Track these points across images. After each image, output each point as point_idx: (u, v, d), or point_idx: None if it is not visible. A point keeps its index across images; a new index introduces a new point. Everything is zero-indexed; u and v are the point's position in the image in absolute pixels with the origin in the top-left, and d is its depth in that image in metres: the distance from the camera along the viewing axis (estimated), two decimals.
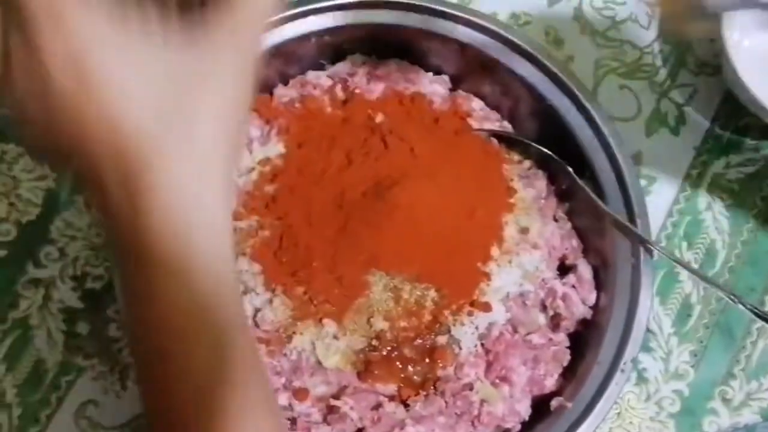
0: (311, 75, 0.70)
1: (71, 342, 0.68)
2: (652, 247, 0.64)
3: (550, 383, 0.64)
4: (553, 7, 0.80)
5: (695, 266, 0.74)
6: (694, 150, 0.77)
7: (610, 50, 0.79)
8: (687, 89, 0.79)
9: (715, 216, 0.76)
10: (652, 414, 0.70)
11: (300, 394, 0.62)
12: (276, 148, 0.67)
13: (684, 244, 0.75)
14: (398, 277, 0.63)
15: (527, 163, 0.70)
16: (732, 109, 0.78)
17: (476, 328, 0.64)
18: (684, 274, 0.73)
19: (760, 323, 0.64)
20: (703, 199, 0.76)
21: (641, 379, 0.71)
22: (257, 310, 0.63)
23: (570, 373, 0.65)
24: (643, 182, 0.75)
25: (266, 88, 0.69)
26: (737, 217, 0.76)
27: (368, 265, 0.62)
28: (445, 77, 0.72)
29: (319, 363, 0.62)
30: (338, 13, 0.67)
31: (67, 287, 0.69)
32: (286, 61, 0.69)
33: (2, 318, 0.67)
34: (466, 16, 0.68)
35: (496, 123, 0.71)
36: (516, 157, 0.71)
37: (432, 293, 0.63)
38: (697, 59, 0.80)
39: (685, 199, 0.76)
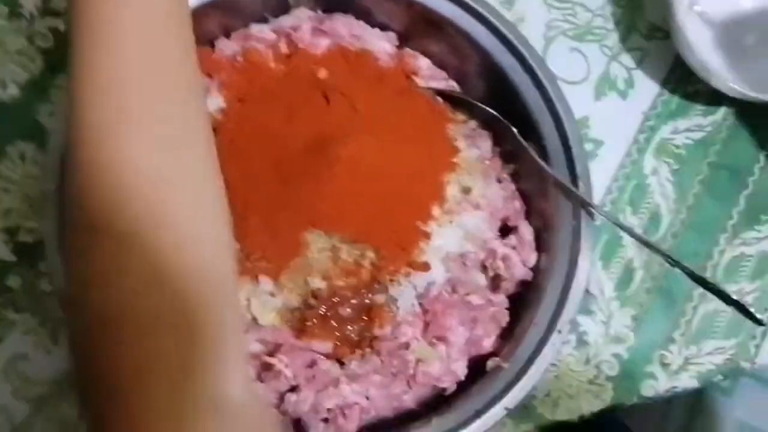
0: (254, 28, 0.68)
1: (2, 296, 0.66)
2: (593, 210, 0.64)
3: (488, 344, 0.64)
4: None
5: (639, 231, 0.74)
6: (642, 114, 0.77)
7: (561, 12, 0.78)
8: (637, 53, 0.78)
9: (660, 181, 0.75)
10: (590, 377, 0.71)
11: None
12: (216, 101, 0.66)
13: (629, 209, 0.75)
14: (336, 236, 0.62)
15: (472, 123, 0.70)
16: (682, 75, 0.77)
17: (414, 287, 0.64)
18: (627, 239, 0.73)
19: (701, 289, 0.64)
20: (649, 163, 0.76)
21: (581, 342, 0.71)
22: None
23: (508, 334, 0.65)
24: (589, 146, 0.74)
25: (208, 41, 0.68)
26: (683, 182, 0.76)
27: (306, 223, 0.61)
28: (392, 34, 0.70)
29: (254, 320, 0.62)
30: None
31: None
32: (228, 13, 0.67)
33: None
34: None
35: (442, 82, 0.70)
36: (461, 116, 0.70)
37: (370, 253, 0.62)
38: (648, 23, 0.79)
39: (632, 164, 0.75)
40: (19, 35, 0.71)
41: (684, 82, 0.77)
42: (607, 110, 0.76)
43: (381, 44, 0.69)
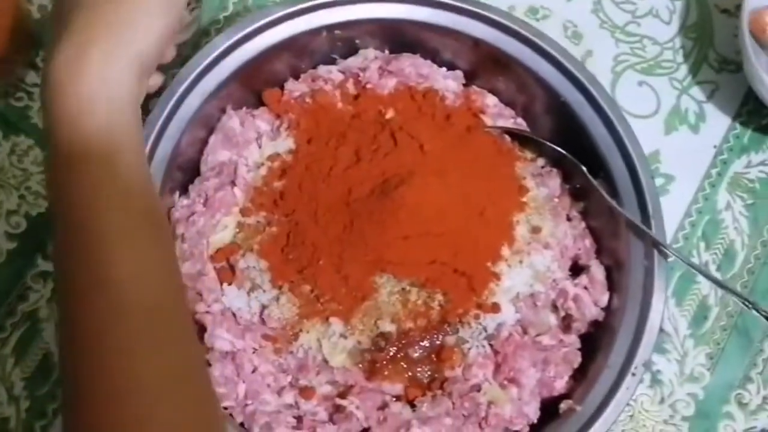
0: (322, 69, 0.69)
1: None
2: (666, 250, 0.63)
3: (560, 385, 0.63)
4: (572, 1, 0.79)
5: (713, 267, 0.72)
6: (714, 148, 0.76)
7: (630, 45, 0.78)
8: (708, 86, 0.77)
9: (734, 216, 0.74)
10: (665, 417, 0.69)
11: (306, 392, 0.61)
12: (285, 143, 0.66)
13: (702, 245, 0.73)
14: (405, 280, 0.62)
15: (541, 162, 0.69)
16: (754, 107, 0.76)
17: (485, 329, 0.63)
18: (701, 276, 0.71)
19: None
20: (722, 198, 0.74)
21: (655, 381, 0.69)
22: (264, 307, 0.63)
23: (580, 376, 0.63)
24: (660, 181, 0.74)
25: (277, 83, 0.69)
26: (757, 217, 0.74)
27: (375, 266, 0.61)
28: (459, 73, 0.71)
29: (325, 361, 0.62)
30: (350, 7, 0.67)
31: None
32: (297, 54, 0.68)
33: (11, 311, 0.67)
34: (480, 11, 0.67)
35: (510, 120, 0.70)
36: (529, 155, 0.70)
37: (439, 296, 0.62)
38: (718, 56, 0.78)
39: (704, 199, 0.74)
40: None
41: (756, 115, 0.76)
42: (678, 144, 0.75)
43: (447, 83, 0.70)
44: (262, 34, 0.65)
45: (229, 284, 0.63)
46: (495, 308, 0.63)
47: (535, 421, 0.62)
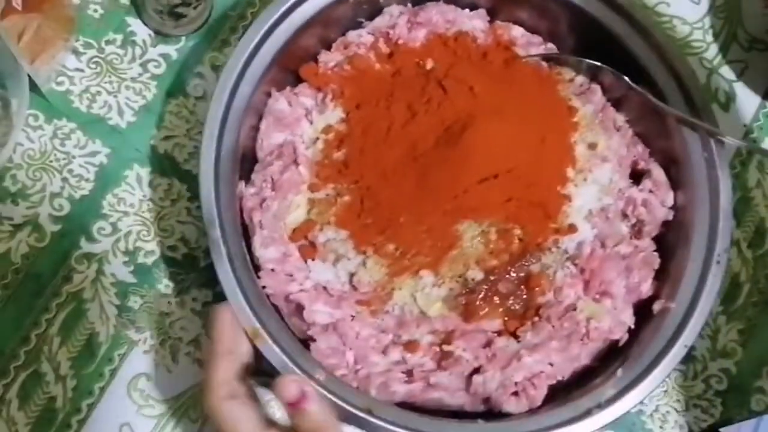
0: (352, 35, 0.70)
1: (123, 316, 0.69)
2: (722, 138, 0.65)
3: (646, 288, 0.65)
4: None
5: (744, 245, 0.73)
6: (744, 127, 0.77)
7: (660, 26, 0.78)
8: (738, 65, 0.78)
9: (764, 193, 0.75)
10: (699, 392, 0.71)
11: (411, 346, 0.63)
12: (335, 113, 0.67)
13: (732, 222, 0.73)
14: (485, 222, 0.64)
15: (579, 79, 0.71)
16: None
17: (566, 250, 0.65)
18: (732, 253, 0.72)
19: None
20: (752, 176, 0.75)
21: (688, 357, 0.67)
22: (352, 275, 0.64)
23: (664, 276, 0.66)
24: None
25: (310, 57, 0.69)
26: None
27: (455, 214, 0.63)
28: (482, 11, 0.71)
29: (422, 313, 0.64)
30: None
31: (119, 261, 0.70)
32: (325, 26, 0.69)
33: (57, 292, 0.68)
34: None
35: (540, 47, 0.71)
36: (567, 75, 0.71)
37: (518, 231, 0.64)
38: (747, 35, 0.78)
39: (735, 177, 0.75)
40: (134, 63, 0.74)
41: None
42: None
43: (474, 23, 0.71)
44: (292, 14, 0.66)
45: (313, 260, 0.64)
46: (572, 229, 0.65)
47: (632, 326, 0.64)
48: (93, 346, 0.68)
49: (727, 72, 0.78)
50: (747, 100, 0.77)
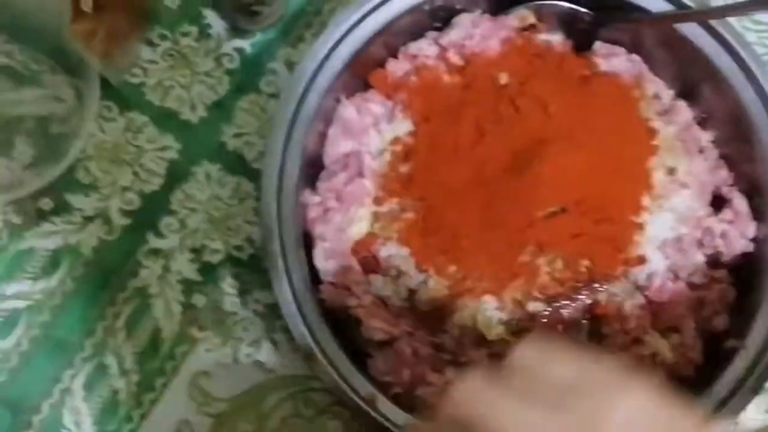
0: (415, 45, 0.67)
1: (187, 313, 0.69)
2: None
3: (719, 323, 0.63)
4: None
5: None
6: None
7: (757, 34, 0.73)
8: None
9: None
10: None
11: (468, 367, 0.62)
12: (404, 125, 0.65)
13: None
14: (552, 253, 0.62)
15: (665, 96, 0.67)
16: None
17: (635, 281, 0.63)
18: None
19: None
20: None
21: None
22: (413, 292, 0.63)
23: (738, 311, 0.63)
24: None
25: (380, 63, 0.67)
26: None
27: (520, 245, 0.61)
28: None
29: (482, 336, 0.63)
30: None
31: (185, 259, 0.70)
32: (397, 32, 0.66)
33: (123, 286, 0.69)
34: None
35: (622, 58, 0.68)
36: (651, 91, 0.67)
37: (585, 261, 0.62)
38: None
39: None
40: (208, 56, 0.73)
41: None
42: None
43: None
44: (367, 18, 0.64)
45: (375, 273, 0.64)
46: (641, 260, 0.63)
47: (701, 362, 0.62)
48: (157, 342, 0.69)
49: None
50: None
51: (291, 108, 0.62)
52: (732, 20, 0.67)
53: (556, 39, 0.68)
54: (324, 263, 0.63)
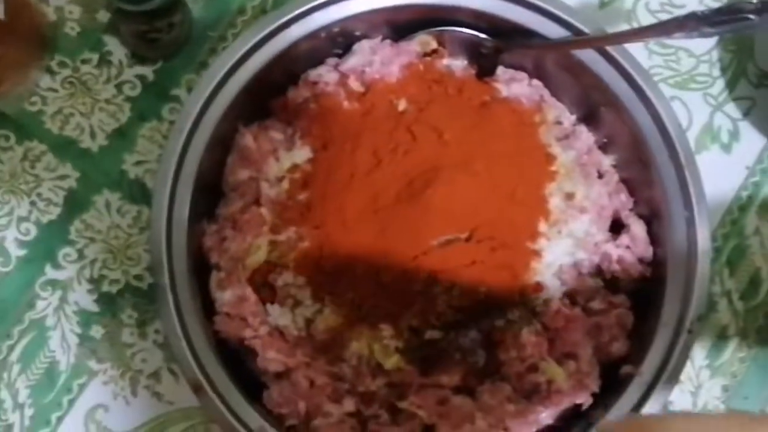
0: (315, 71, 0.66)
1: (85, 345, 0.68)
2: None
3: (617, 348, 0.63)
4: (604, 8, 0.75)
5: (736, 295, 0.70)
6: (746, 169, 0.73)
7: (664, 58, 0.74)
8: (744, 103, 0.74)
9: (763, 242, 0.71)
10: None
11: (366, 397, 0.61)
12: (302, 152, 0.65)
13: (726, 271, 0.71)
14: (448, 282, 0.61)
15: (566, 121, 0.67)
16: None
17: (532, 307, 0.63)
18: (722, 304, 0.70)
19: None
20: (751, 223, 0.71)
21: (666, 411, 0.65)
22: (310, 321, 0.62)
23: (635, 336, 0.63)
24: None
25: (281, 89, 0.67)
26: None
27: (414, 274, 0.60)
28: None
29: (379, 365, 0.62)
30: (345, 3, 0.64)
31: (84, 289, 0.69)
32: (296, 59, 0.66)
33: (19, 318, 0.68)
34: None
35: (524, 83, 0.68)
36: (552, 116, 0.67)
37: (483, 289, 0.61)
38: (758, 70, 0.74)
39: (731, 223, 0.71)
40: (109, 83, 0.72)
41: None
42: (707, 164, 0.66)
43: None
44: (265, 45, 0.63)
45: (272, 303, 0.63)
46: (537, 288, 0.62)
47: (597, 390, 0.62)
48: (53, 375, 0.68)
49: (732, 110, 0.74)
50: (751, 140, 0.73)
51: (183, 136, 0.61)
52: (638, 45, 0.67)
53: (458, 64, 0.68)
54: (220, 293, 0.62)
